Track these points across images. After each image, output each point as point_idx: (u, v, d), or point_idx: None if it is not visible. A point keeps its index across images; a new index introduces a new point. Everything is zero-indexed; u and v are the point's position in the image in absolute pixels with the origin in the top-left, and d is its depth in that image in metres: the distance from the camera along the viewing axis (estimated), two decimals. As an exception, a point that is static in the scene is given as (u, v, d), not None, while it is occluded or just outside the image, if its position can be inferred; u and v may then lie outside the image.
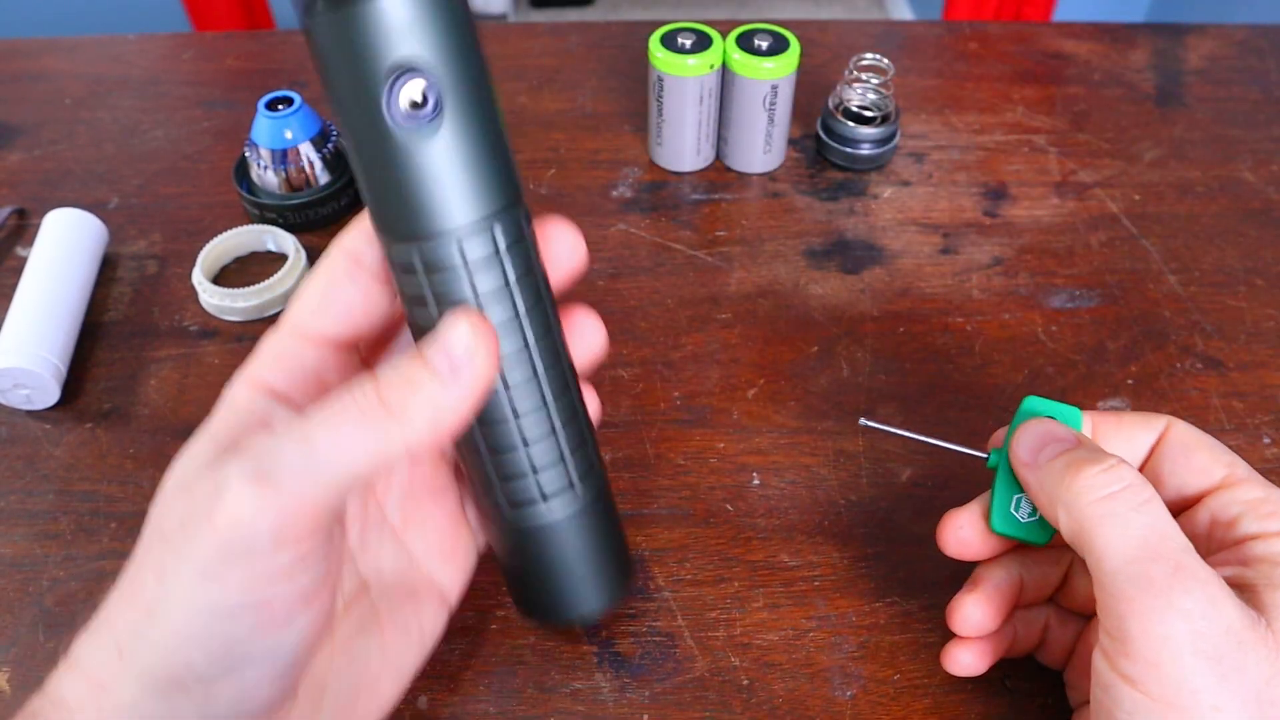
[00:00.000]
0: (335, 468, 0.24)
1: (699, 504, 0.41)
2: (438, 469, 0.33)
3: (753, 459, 0.43)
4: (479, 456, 0.29)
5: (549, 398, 0.28)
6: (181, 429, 0.44)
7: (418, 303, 0.27)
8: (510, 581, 0.33)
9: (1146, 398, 0.45)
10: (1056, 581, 0.34)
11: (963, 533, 0.32)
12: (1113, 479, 0.27)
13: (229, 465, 0.24)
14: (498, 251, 0.26)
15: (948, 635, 0.34)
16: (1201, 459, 0.30)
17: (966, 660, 0.33)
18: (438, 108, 0.24)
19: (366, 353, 0.31)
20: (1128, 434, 0.31)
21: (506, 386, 0.28)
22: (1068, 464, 0.28)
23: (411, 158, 0.25)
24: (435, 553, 0.32)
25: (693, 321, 0.48)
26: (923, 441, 0.34)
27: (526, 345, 0.28)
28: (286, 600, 0.25)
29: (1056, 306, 0.49)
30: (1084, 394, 0.45)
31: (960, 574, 0.35)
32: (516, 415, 0.28)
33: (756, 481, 0.42)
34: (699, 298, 0.50)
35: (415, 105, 0.24)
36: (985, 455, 0.32)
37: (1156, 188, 0.56)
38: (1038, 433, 0.30)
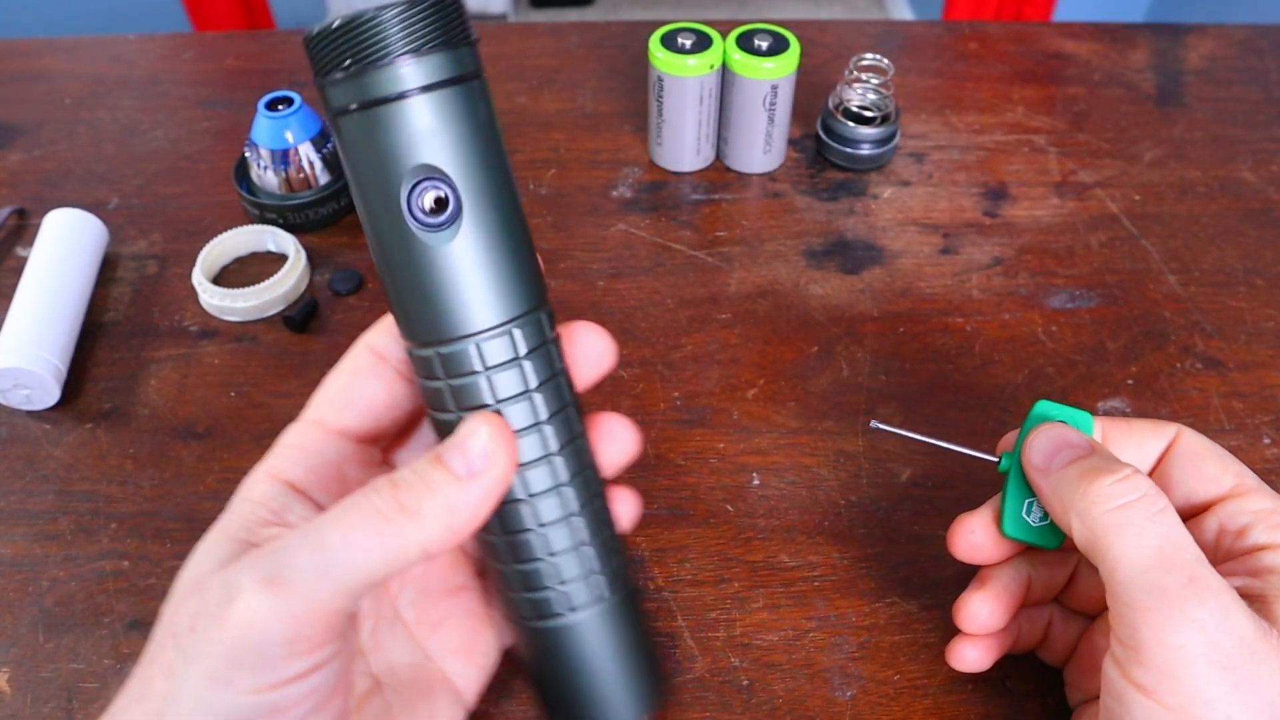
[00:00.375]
0: (349, 571, 0.24)
1: (699, 504, 0.41)
2: (456, 567, 0.32)
3: (753, 459, 0.43)
4: (502, 564, 0.29)
5: (573, 505, 0.28)
6: (181, 429, 0.44)
7: (438, 404, 0.27)
8: (538, 695, 0.31)
9: (1146, 398, 0.45)
10: (1063, 581, 0.34)
11: (974, 537, 0.32)
12: (1128, 488, 0.27)
13: (241, 568, 0.24)
14: (518, 357, 0.26)
15: (948, 635, 0.34)
16: (1211, 468, 0.30)
17: (972, 656, 0.33)
18: (457, 213, 0.25)
19: (388, 445, 0.31)
20: (1138, 441, 0.31)
21: (530, 495, 0.27)
22: (1082, 472, 0.28)
23: (431, 261, 0.25)
24: (452, 650, 0.31)
25: (693, 321, 0.48)
26: (933, 445, 0.33)
27: (548, 451, 0.27)
28: (299, 703, 0.24)
29: (1056, 306, 0.49)
30: (1084, 394, 0.45)
31: (962, 574, 0.35)
32: (540, 525, 0.27)
33: (756, 482, 0.42)
34: (699, 298, 0.50)
35: (435, 209, 0.25)
36: (996, 459, 0.32)
37: (1156, 188, 0.56)
38: (1051, 438, 0.30)
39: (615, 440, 0.30)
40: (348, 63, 0.23)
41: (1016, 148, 0.59)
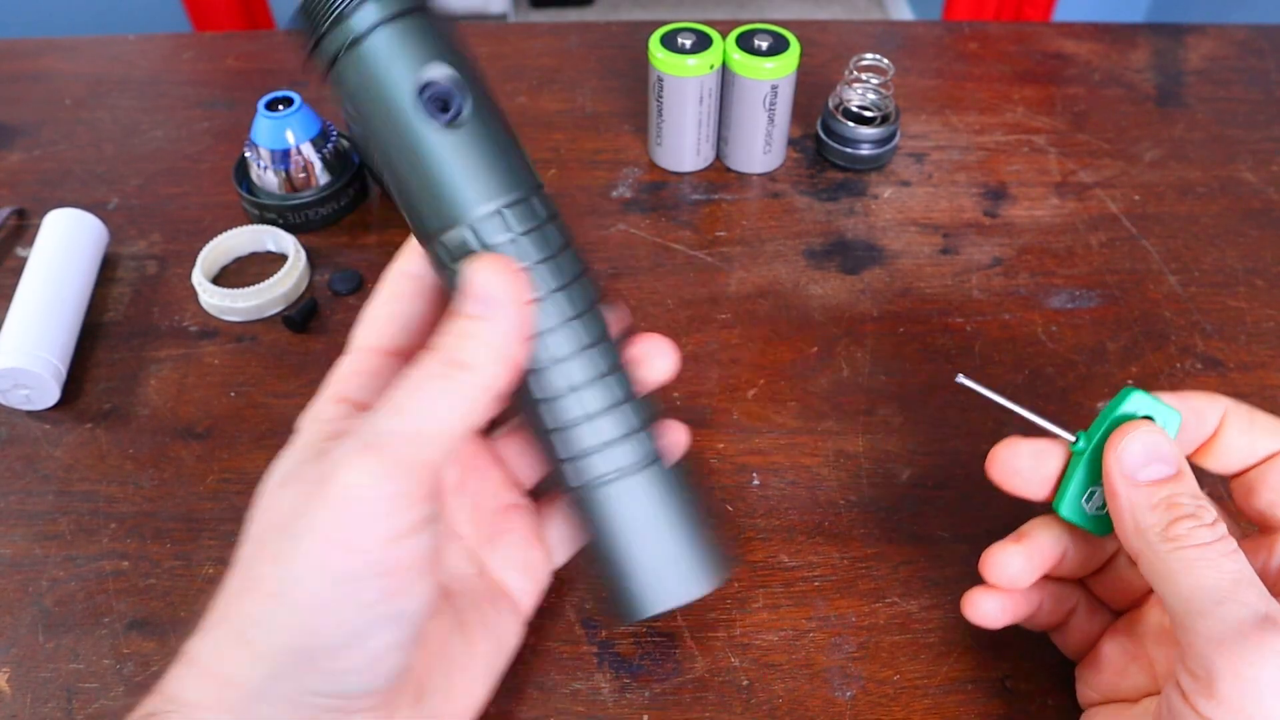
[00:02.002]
0: (430, 427, 0.26)
1: (699, 504, 0.41)
2: (505, 486, 0.34)
3: (753, 459, 0.43)
4: (548, 433, 0.30)
5: (602, 367, 0.29)
6: (181, 429, 0.44)
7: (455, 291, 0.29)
8: (598, 569, 0.31)
9: (1146, 398, 0.45)
10: (1100, 563, 0.33)
11: (1016, 461, 0.32)
12: (1209, 534, 0.27)
13: (332, 449, 0.26)
14: (514, 237, 0.28)
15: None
16: None
17: (988, 608, 0.32)
18: (459, 109, 0.28)
19: None
20: (1252, 438, 0.31)
21: (555, 359, 0.29)
22: (1168, 503, 0.28)
23: (435, 152, 0.28)
24: (508, 565, 0.33)
25: (693, 321, 0.48)
26: (1014, 410, 0.32)
27: (565, 317, 0.29)
28: (409, 564, 0.26)
29: (1056, 306, 0.49)
30: (1084, 394, 0.45)
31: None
32: (572, 387, 0.29)
33: (756, 482, 0.42)
34: (699, 298, 0.50)
35: (442, 109, 0.28)
36: (1072, 438, 0.31)
37: (1156, 188, 0.56)
38: (1147, 445, 0.29)
39: (654, 361, 0.32)
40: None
41: (1016, 148, 0.59)
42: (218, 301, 0.48)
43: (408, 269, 0.31)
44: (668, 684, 0.36)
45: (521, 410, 0.31)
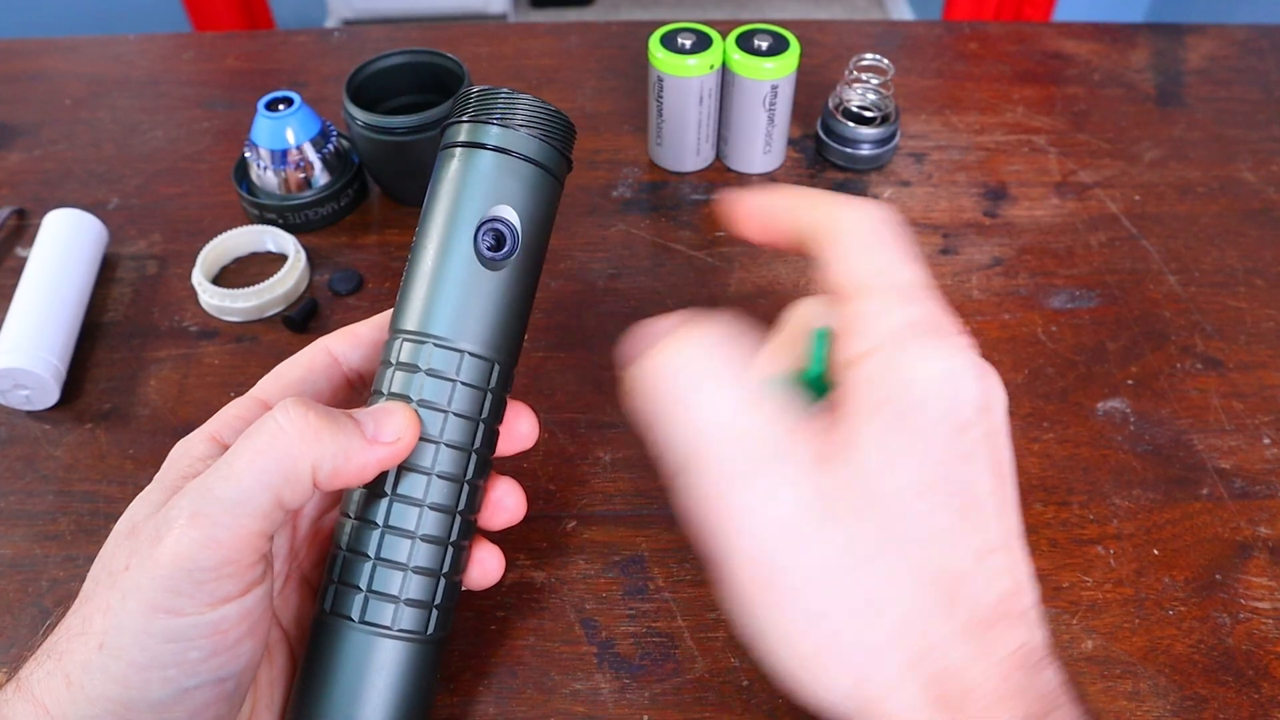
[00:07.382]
0: (260, 495, 0.26)
1: (699, 504, 0.41)
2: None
3: (753, 459, 0.43)
4: (339, 547, 0.30)
5: (429, 529, 0.30)
6: (181, 429, 0.44)
7: (379, 385, 0.31)
8: (301, 696, 0.30)
9: (1146, 398, 0.45)
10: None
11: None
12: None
13: (169, 508, 0.26)
14: (455, 379, 0.30)
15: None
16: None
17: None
18: (504, 256, 0.30)
19: None
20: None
21: (394, 493, 0.30)
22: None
23: (462, 277, 0.30)
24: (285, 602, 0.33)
25: (693, 322, 0.48)
26: None
27: (432, 469, 0.30)
28: (237, 624, 0.26)
29: (1056, 306, 0.49)
30: (1084, 394, 0.45)
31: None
32: (388, 525, 0.30)
33: (756, 482, 0.42)
34: (699, 298, 0.50)
35: (492, 247, 0.30)
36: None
37: (1156, 188, 0.56)
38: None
39: (503, 509, 0.33)
40: (521, 121, 0.32)
41: (1016, 148, 0.59)
42: (218, 301, 0.48)
43: (333, 347, 0.33)
44: (668, 684, 0.36)
45: (340, 504, 0.31)
